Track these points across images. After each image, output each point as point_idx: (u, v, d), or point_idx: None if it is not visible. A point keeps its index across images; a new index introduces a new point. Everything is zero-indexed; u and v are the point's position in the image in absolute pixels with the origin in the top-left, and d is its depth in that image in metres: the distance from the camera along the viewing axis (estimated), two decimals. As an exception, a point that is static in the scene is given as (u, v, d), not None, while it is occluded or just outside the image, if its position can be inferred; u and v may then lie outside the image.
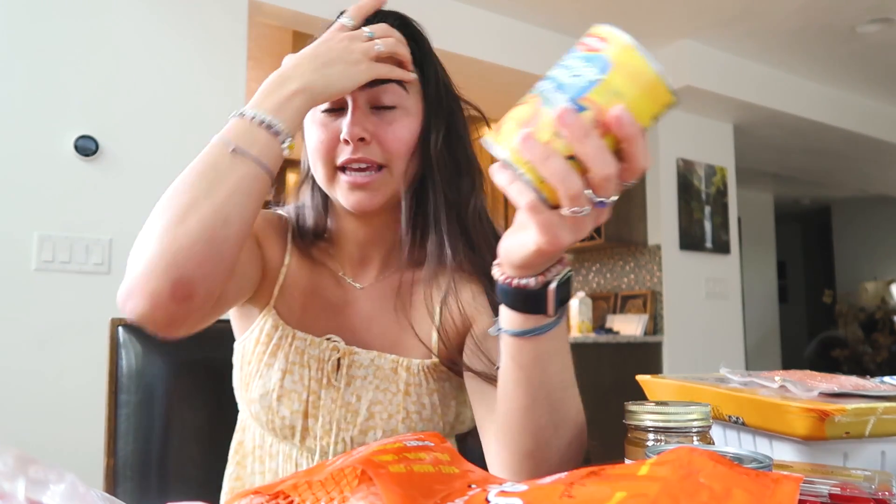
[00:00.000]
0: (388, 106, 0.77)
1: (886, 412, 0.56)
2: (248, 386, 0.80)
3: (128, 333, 0.97)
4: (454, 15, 3.13)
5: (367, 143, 0.75)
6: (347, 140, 0.74)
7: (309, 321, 0.82)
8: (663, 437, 0.54)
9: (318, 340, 0.80)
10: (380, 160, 0.76)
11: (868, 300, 7.15)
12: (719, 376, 0.77)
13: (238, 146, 0.64)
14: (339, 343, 0.80)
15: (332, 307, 0.83)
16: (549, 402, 0.62)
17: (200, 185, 0.63)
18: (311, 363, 0.79)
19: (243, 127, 0.65)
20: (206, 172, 0.64)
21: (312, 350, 0.80)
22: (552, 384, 0.61)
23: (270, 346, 0.80)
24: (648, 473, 0.35)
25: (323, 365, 0.79)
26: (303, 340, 0.80)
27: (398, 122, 0.77)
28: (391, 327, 0.82)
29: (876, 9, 3.26)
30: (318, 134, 0.76)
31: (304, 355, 0.79)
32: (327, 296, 0.83)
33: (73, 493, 0.35)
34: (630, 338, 3.73)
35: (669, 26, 3.46)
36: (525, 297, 0.56)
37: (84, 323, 2.12)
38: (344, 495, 0.40)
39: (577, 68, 0.48)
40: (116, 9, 2.31)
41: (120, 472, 0.94)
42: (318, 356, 0.80)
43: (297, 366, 0.79)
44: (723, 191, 4.17)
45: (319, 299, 0.83)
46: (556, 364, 0.61)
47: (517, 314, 0.57)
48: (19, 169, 2.11)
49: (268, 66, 3.88)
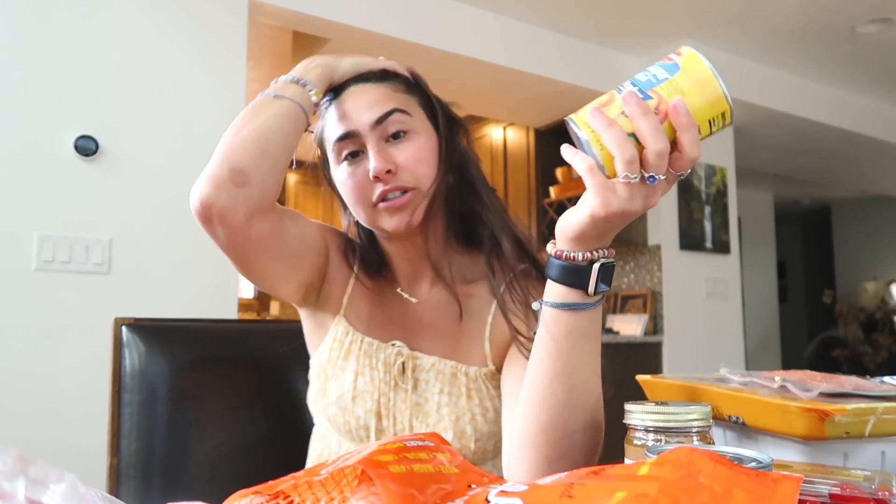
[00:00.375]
0: (398, 133, 0.83)
1: (886, 412, 0.56)
2: (325, 390, 0.87)
3: (131, 333, 0.98)
4: (454, 15, 3.13)
5: (393, 174, 0.82)
6: (377, 176, 0.81)
7: (375, 329, 0.89)
8: (663, 437, 0.54)
9: (384, 345, 0.87)
10: (409, 184, 0.82)
11: (868, 300, 7.14)
12: (719, 376, 0.77)
13: (277, 93, 0.80)
14: (402, 348, 0.87)
15: (394, 318, 0.90)
16: (570, 381, 0.65)
17: (250, 114, 0.79)
18: (379, 366, 0.86)
19: (279, 85, 0.82)
20: (253, 108, 0.79)
21: (380, 354, 0.86)
22: (577, 364, 0.65)
23: (343, 350, 0.87)
24: (648, 473, 0.35)
25: (390, 368, 0.86)
26: (370, 345, 0.87)
27: (411, 144, 0.84)
28: (448, 337, 0.88)
29: (876, 9, 3.25)
30: (349, 182, 0.84)
31: (372, 358, 0.86)
32: (389, 307, 0.91)
33: (73, 492, 0.35)
34: (630, 338, 3.73)
35: (669, 26, 3.45)
36: (571, 270, 0.61)
37: (84, 323, 2.12)
38: (344, 495, 0.40)
39: (652, 72, 0.58)
40: (116, 9, 2.31)
41: (123, 472, 0.94)
42: (384, 359, 0.86)
43: (367, 368, 0.86)
44: (723, 191, 4.17)
45: (383, 310, 0.90)
46: (585, 346, 0.65)
47: (561, 287, 0.63)
48: (19, 169, 2.11)
49: (268, 66, 3.88)
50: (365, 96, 0.85)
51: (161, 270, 2.28)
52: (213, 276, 2.34)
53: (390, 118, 0.83)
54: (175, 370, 0.98)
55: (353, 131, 0.83)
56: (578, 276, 0.61)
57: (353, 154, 0.84)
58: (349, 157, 0.84)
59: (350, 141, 0.83)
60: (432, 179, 0.84)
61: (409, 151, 0.83)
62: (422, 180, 0.83)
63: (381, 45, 2.94)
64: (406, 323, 0.89)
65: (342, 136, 0.84)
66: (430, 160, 0.84)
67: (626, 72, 3.75)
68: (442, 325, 0.88)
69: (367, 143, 0.82)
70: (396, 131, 0.83)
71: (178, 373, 0.98)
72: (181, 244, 2.29)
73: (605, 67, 3.67)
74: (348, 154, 0.84)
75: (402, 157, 0.82)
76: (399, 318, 0.90)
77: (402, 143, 0.83)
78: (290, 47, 3.47)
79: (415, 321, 0.89)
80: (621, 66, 3.72)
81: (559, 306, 0.63)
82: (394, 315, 0.90)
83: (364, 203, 0.83)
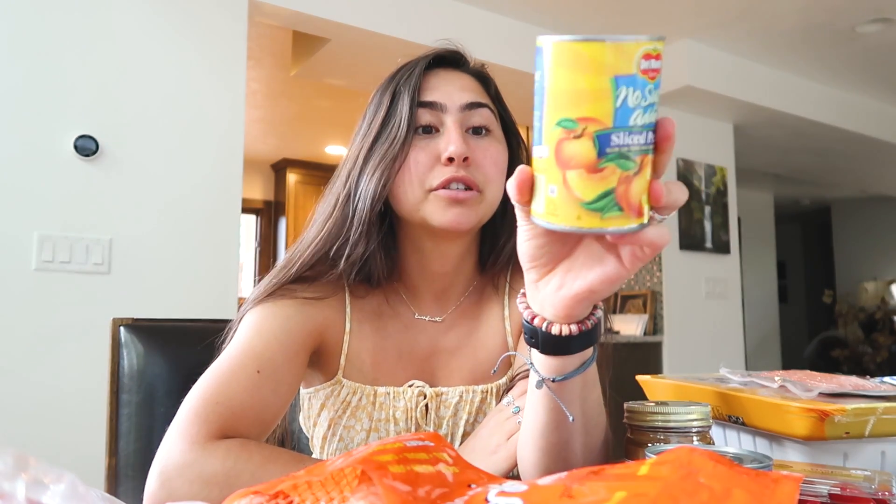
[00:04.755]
0: (480, 129, 0.77)
1: (886, 412, 0.56)
2: (326, 440, 0.80)
3: (129, 333, 0.98)
4: (455, 15, 3.12)
5: (468, 164, 0.74)
6: (452, 158, 0.73)
7: (384, 375, 0.80)
8: (663, 437, 0.54)
9: (401, 390, 0.79)
10: (478, 182, 0.75)
11: (868, 300, 7.14)
12: (719, 376, 0.77)
13: None
14: (424, 388, 0.79)
15: (406, 353, 0.81)
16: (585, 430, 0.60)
17: None
18: (397, 416, 0.78)
19: None
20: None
21: (398, 402, 0.78)
22: (591, 411, 0.60)
23: (350, 408, 0.79)
24: (648, 473, 0.35)
25: (411, 413, 0.79)
26: (386, 395, 0.78)
27: (493, 146, 0.78)
28: (472, 355, 0.82)
29: (876, 9, 3.25)
30: (413, 155, 0.75)
31: (390, 409, 0.78)
32: (397, 343, 0.81)
33: (73, 493, 0.35)
34: (630, 338, 3.73)
35: (669, 26, 3.45)
36: (578, 339, 0.53)
37: (84, 323, 2.12)
38: (344, 495, 0.40)
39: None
40: (116, 9, 2.31)
41: (121, 472, 0.94)
42: (404, 406, 0.78)
43: (382, 422, 0.78)
44: (723, 191, 4.17)
45: (390, 351, 0.81)
46: (597, 389, 0.60)
47: (563, 358, 0.54)
48: (19, 169, 2.11)
49: (268, 66, 3.88)
50: (459, 80, 0.80)
51: (161, 270, 2.27)
52: (213, 276, 2.34)
53: (480, 110, 0.77)
54: (174, 370, 0.98)
55: (439, 104, 0.76)
56: (588, 339, 0.54)
57: (427, 130, 0.76)
58: (420, 130, 0.76)
59: (431, 111, 0.76)
60: (498, 190, 0.77)
61: (489, 151, 0.77)
62: (490, 185, 0.76)
63: (382, 45, 2.94)
64: (421, 354, 0.81)
65: (426, 102, 0.76)
66: (503, 170, 0.78)
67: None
68: (465, 344, 0.82)
69: (448, 121, 0.75)
70: (480, 126, 0.77)
71: (177, 373, 0.98)
72: (181, 244, 2.29)
73: (605, 67, 3.66)
74: (421, 127, 0.76)
75: (481, 153, 0.76)
76: (412, 350, 0.81)
77: (483, 139, 0.77)
78: (290, 47, 3.47)
79: (432, 348, 0.82)
80: (621, 66, 3.71)
81: (571, 375, 0.55)
82: (404, 349, 0.81)
83: (420, 183, 0.74)
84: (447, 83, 0.78)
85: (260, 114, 4.65)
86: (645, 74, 0.42)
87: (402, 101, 0.76)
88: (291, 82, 3.99)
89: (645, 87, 0.42)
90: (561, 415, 0.57)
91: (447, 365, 0.82)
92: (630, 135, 0.43)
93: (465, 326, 0.83)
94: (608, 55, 0.42)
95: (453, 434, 0.79)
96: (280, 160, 5.77)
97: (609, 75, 0.42)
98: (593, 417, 0.61)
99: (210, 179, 2.40)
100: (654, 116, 0.44)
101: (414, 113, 0.76)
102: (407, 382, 0.80)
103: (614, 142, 0.42)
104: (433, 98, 0.76)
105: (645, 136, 0.43)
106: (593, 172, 0.43)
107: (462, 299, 0.84)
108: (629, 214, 0.44)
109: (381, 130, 0.77)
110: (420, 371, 0.81)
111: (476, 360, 0.82)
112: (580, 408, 0.58)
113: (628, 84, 0.42)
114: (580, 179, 0.43)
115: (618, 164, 0.43)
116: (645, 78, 0.42)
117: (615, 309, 4.13)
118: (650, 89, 0.43)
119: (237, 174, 2.44)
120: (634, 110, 0.42)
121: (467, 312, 0.84)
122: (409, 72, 0.78)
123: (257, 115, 4.67)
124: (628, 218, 0.44)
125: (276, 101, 4.48)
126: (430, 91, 0.77)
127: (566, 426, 0.59)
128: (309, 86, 4.06)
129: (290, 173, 5.74)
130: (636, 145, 0.43)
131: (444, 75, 0.80)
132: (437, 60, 0.81)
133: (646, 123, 0.43)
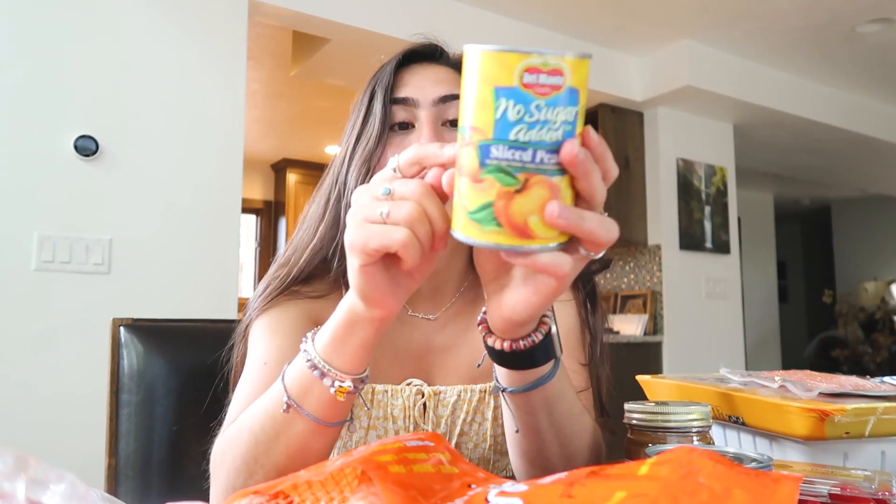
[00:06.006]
0: (456, 121, 0.75)
1: (886, 412, 0.56)
2: None
3: (129, 333, 0.98)
4: (455, 15, 3.13)
5: None
6: None
7: (381, 372, 0.79)
8: (663, 437, 0.54)
9: (398, 388, 0.79)
10: None
11: (868, 300, 7.14)
12: (719, 376, 0.77)
13: (292, 400, 0.58)
14: (422, 386, 0.79)
15: (403, 351, 0.81)
16: (559, 440, 0.61)
17: (262, 443, 0.60)
18: (395, 413, 0.78)
19: (297, 374, 0.58)
20: (264, 431, 0.60)
21: (395, 400, 0.78)
22: (562, 422, 0.61)
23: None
24: (648, 473, 0.35)
25: (409, 412, 0.78)
26: (384, 393, 0.78)
27: None
28: (468, 353, 0.81)
29: (876, 9, 3.25)
30: (391, 152, 0.74)
31: (387, 408, 0.78)
32: (392, 341, 0.81)
33: (73, 492, 0.35)
34: (630, 338, 3.73)
35: (669, 26, 3.45)
36: (532, 353, 0.53)
37: (84, 323, 2.12)
38: (344, 495, 0.40)
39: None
40: (116, 9, 2.31)
41: (121, 472, 0.94)
42: (402, 405, 0.78)
43: (380, 420, 0.78)
44: (723, 191, 4.17)
45: (385, 348, 0.80)
46: (565, 402, 0.60)
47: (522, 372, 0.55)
48: (19, 169, 2.11)
49: (268, 66, 3.88)
50: (434, 74, 0.79)
51: (161, 270, 2.28)
52: (213, 276, 2.35)
53: (454, 102, 0.76)
54: (173, 370, 0.98)
55: (411, 99, 0.76)
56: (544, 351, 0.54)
57: (403, 126, 0.76)
58: (397, 127, 0.76)
59: (405, 108, 0.76)
60: None
61: None
62: None
63: (382, 45, 2.94)
64: (417, 351, 0.81)
65: (398, 99, 0.76)
66: None
67: (627, 71, 3.75)
68: (461, 341, 0.82)
69: (422, 116, 0.75)
70: (456, 119, 0.75)
71: (177, 373, 0.98)
72: (181, 244, 2.29)
73: (605, 67, 3.66)
74: (397, 124, 0.76)
75: None
76: (409, 348, 0.81)
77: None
78: (290, 47, 3.47)
79: (429, 346, 0.81)
80: (621, 66, 3.72)
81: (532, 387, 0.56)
82: (401, 346, 0.81)
83: None
84: (421, 78, 0.78)
85: (260, 114, 4.66)
86: (529, 89, 0.41)
87: (376, 100, 0.77)
88: (291, 82, 3.99)
89: (530, 102, 0.41)
90: (528, 424, 0.59)
91: (443, 363, 0.81)
92: (510, 149, 0.41)
93: (459, 324, 0.82)
94: (488, 65, 0.41)
95: (451, 433, 0.79)
96: (280, 160, 5.77)
97: (491, 86, 0.41)
98: (565, 428, 0.61)
99: (210, 179, 2.40)
100: (554, 136, 0.41)
101: (387, 110, 0.76)
102: (404, 381, 0.79)
103: (493, 154, 0.42)
104: (405, 94, 0.76)
105: (532, 154, 0.41)
106: (476, 182, 0.43)
107: (456, 297, 0.83)
108: (509, 232, 0.42)
109: (362, 130, 0.77)
110: (416, 369, 0.81)
111: (472, 358, 0.81)
112: (547, 420, 0.59)
113: (508, 96, 0.41)
114: (467, 188, 0.43)
115: (496, 178, 0.42)
116: (529, 93, 0.41)
117: (615, 309, 4.13)
118: (538, 105, 0.41)
119: (237, 174, 2.44)
120: (516, 125, 0.41)
121: (462, 311, 0.83)
122: (384, 69, 0.79)
123: (257, 116, 4.68)
124: (508, 236, 0.42)
125: (275, 101, 4.48)
126: (403, 87, 0.77)
127: (537, 435, 0.60)
128: (309, 86, 4.06)
129: (290, 173, 5.75)
130: (517, 161, 0.41)
131: (418, 70, 0.79)
132: (413, 55, 0.81)
133: (534, 141, 0.41)
